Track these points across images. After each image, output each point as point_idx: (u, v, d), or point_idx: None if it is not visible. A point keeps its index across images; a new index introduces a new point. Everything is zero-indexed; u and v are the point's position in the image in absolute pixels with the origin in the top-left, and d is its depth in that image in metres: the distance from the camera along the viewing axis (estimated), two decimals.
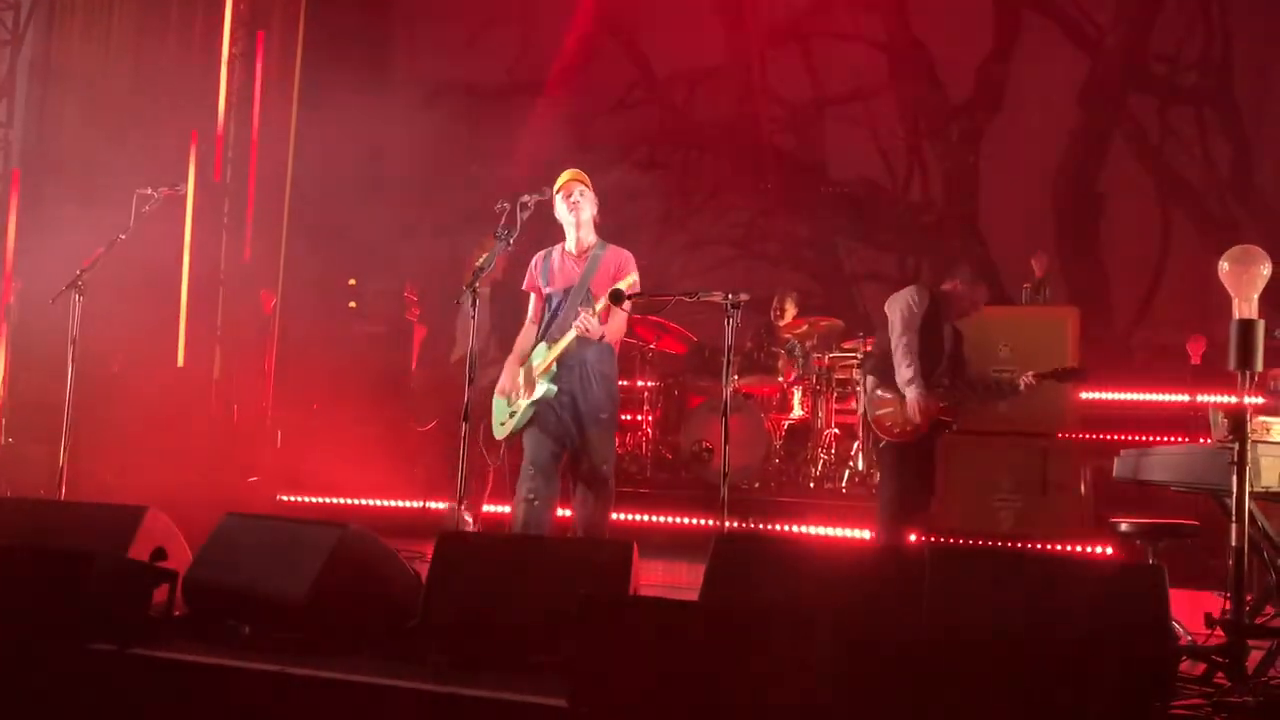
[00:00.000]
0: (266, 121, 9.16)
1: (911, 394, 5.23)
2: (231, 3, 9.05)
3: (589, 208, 4.73)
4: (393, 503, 7.34)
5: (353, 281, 8.68)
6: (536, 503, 4.55)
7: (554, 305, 4.74)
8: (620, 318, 4.63)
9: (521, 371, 4.69)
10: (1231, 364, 3.39)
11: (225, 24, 9.04)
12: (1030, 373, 5.29)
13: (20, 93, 8.59)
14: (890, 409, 5.34)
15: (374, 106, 10.05)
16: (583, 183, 4.75)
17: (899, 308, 5.38)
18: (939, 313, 5.42)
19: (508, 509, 4.68)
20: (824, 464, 7.36)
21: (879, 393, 5.40)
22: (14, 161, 8.49)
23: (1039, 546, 6.08)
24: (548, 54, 10.65)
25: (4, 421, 8.07)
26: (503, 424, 4.69)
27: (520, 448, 4.72)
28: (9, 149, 8.53)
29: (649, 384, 8.01)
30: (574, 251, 4.76)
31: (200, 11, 9.09)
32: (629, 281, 4.59)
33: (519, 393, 4.64)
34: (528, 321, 4.88)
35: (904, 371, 5.28)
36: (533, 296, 4.86)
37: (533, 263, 4.79)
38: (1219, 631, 3.53)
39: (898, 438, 5.32)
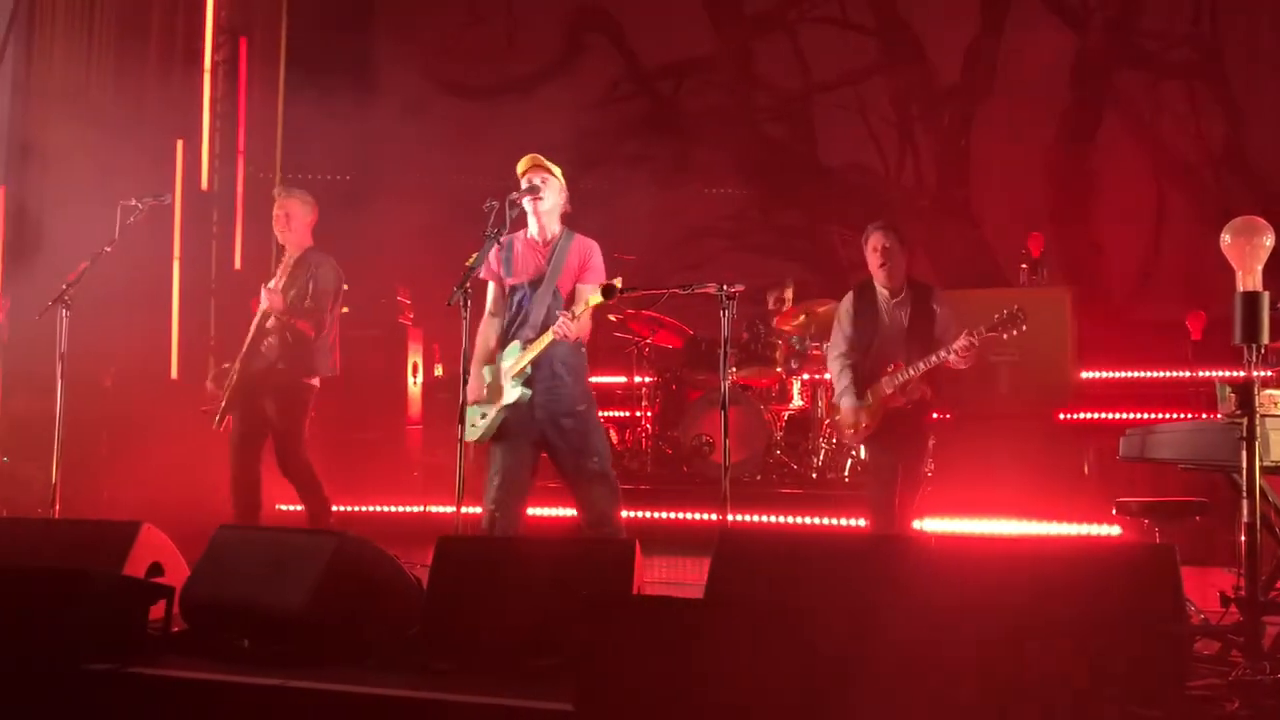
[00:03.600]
0: (252, 128, 9.09)
1: (846, 404, 5.19)
2: (212, 9, 8.97)
3: (551, 195, 4.60)
4: (393, 508, 7.29)
5: (345, 286, 8.59)
6: (498, 514, 4.46)
7: (518, 298, 4.61)
8: (588, 314, 4.52)
9: (489, 372, 4.60)
10: (1237, 338, 3.34)
11: (207, 31, 8.96)
12: (965, 333, 4.93)
13: (2, 109, 8.51)
14: (838, 414, 5.34)
15: (360, 108, 9.98)
16: (544, 169, 4.60)
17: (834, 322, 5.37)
18: (870, 297, 5.25)
19: (478, 510, 4.62)
20: (825, 454, 7.31)
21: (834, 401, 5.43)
22: None
23: (1044, 528, 6.03)
24: (534, 50, 10.59)
25: None
26: (474, 426, 4.59)
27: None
28: None
29: (646, 379, 7.96)
30: (537, 240, 4.67)
31: (181, 19, 9.01)
32: (598, 276, 4.52)
33: (488, 395, 4.56)
34: (487, 314, 4.74)
35: (838, 387, 5.27)
36: (491, 286, 4.73)
37: (491, 251, 4.67)
38: (1233, 609, 3.48)
39: (854, 439, 5.30)
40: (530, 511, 4.74)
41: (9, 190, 8.41)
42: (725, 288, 4.23)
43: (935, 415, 5.66)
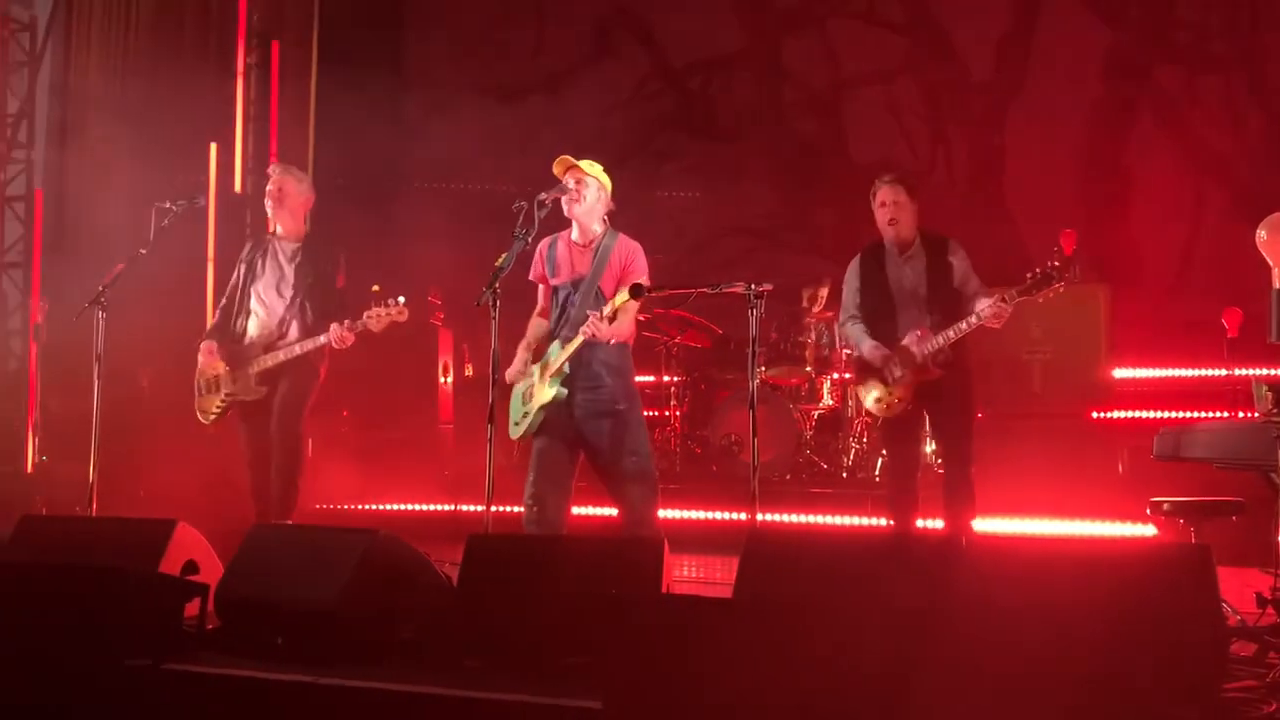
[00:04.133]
0: (284, 131, 9.17)
1: (866, 350, 4.81)
2: (244, 14, 9.06)
3: (589, 195, 4.60)
4: (425, 506, 7.33)
5: (376, 287, 8.64)
6: (536, 509, 4.50)
7: (562, 299, 4.64)
8: (628, 315, 4.52)
9: (535, 370, 4.63)
10: (1273, 335, 3.30)
11: (239, 35, 9.05)
12: (996, 298, 4.57)
13: (40, 113, 8.65)
14: (867, 386, 4.87)
15: (392, 109, 10.03)
16: (575, 169, 4.60)
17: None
18: (878, 258, 4.93)
19: (508, 509, 4.65)
20: (856, 453, 7.27)
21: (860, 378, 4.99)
22: (36, 182, 8.55)
23: (1078, 528, 5.97)
24: (562, 49, 10.61)
25: (38, 440, 8.14)
26: (516, 424, 4.64)
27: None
28: (31, 169, 8.60)
29: (674, 379, 7.96)
30: (579, 241, 4.69)
31: (214, 24, 9.11)
32: (641, 278, 4.51)
33: (530, 393, 4.60)
34: (535, 312, 4.81)
35: (852, 344, 4.94)
36: (541, 287, 4.80)
37: (538, 251, 4.67)
38: (1269, 611, 3.44)
39: (888, 411, 4.80)
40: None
41: (46, 192, 8.54)
42: (753, 287, 4.21)
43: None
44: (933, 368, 4.68)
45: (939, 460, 6.29)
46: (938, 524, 5.18)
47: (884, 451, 6.23)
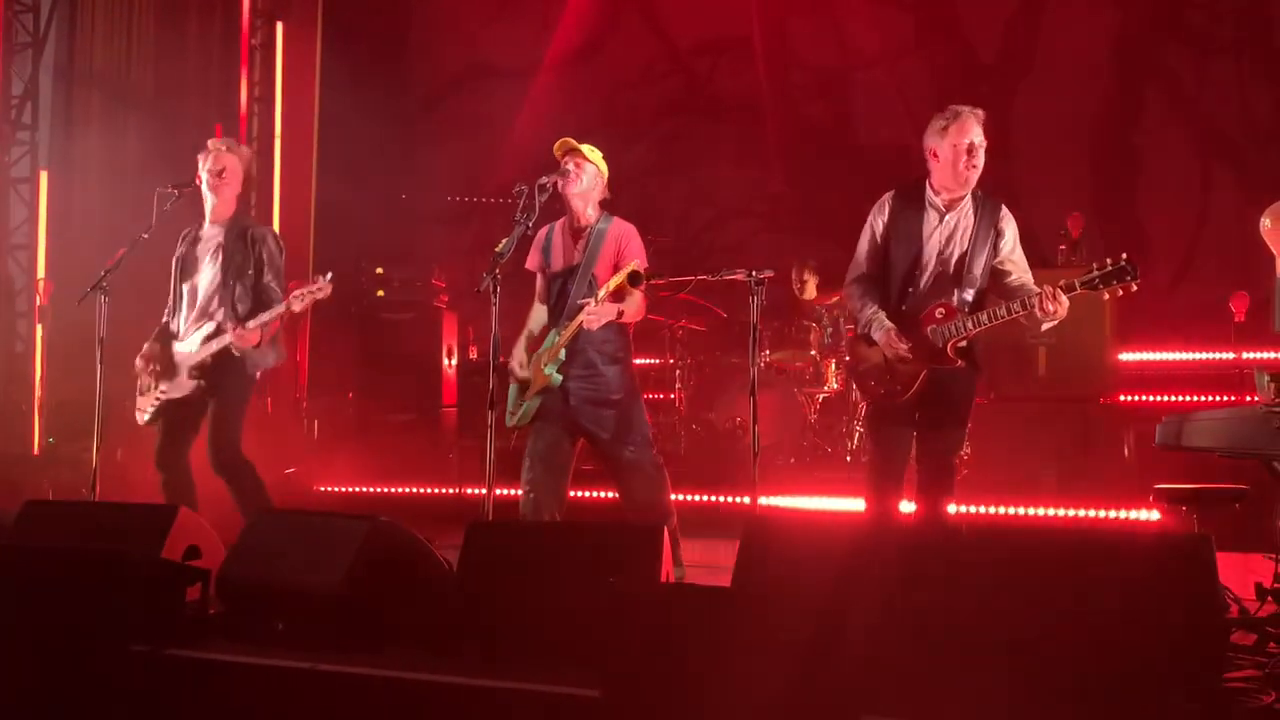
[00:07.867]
0: (289, 112, 9.15)
1: (878, 335, 4.03)
2: None
3: (584, 179, 4.59)
4: (429, 489, 7.35)
5: (380, 270, 8.66)
6: (533, 495, 4.52)
7: (558, 287, 4.65)
8: (637, 296, 4.53)
9: (531, 360, 4.64)
10: (1276, 325, 3.28)
11: (244, 16, 9.02)
12: (1051, 291, 3.88)
13: (44, 95, 8.62)
14: (870, 363, 4.15)
15: (396, 90, 10.00)
16: (576, 152, 4.59)
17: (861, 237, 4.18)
18: (916, 204, 4.10)
19: (513, 492, 4.67)
20: (859, 437, 7.26)
21: (859, 347, 4.24)
22: (41, 164, 8.54)
23: (1082, 514, 5.96)
24: (567, 31, 10.55)
25: (44, 422, 8.17)
26: (511, 413, 4.66)
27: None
28: (35, 151, 8.58)
29: (679, 361, 7.95)
30: (573, 228, 4.68)
31: (219, 5, 9.08)
32: (634, 264, 4.49)
33: (528, 385, 4.61)
34: (535, 301, 4.83)
35: (861, 318, 4.11)
36: (539, 275, 4.80)
37: (535, 239, 4.69)
38: (1270, 601, 3.43)
39: (887, 400, 4.11)
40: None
41: (51, 174, 8.53)
42: (754, 274, 4.20)
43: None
44: (953, 356, 3.98)
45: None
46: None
47: (866, 434, 5.41)
